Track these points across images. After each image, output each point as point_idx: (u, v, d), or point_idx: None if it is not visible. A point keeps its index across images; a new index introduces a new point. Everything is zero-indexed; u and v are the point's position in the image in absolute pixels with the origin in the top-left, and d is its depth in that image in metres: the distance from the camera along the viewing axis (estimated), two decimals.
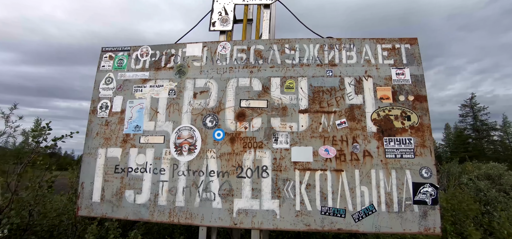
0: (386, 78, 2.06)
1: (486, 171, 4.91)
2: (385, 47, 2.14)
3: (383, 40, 2.16)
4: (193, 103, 2.15)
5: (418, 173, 1.87)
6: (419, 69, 2.07)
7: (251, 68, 2.17)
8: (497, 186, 4.58)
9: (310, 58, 2.14)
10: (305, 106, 2.03)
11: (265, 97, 2.08)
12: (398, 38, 2.16)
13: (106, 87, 2.33)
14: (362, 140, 1.94)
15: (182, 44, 2.34)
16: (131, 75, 2.33)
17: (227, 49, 2.25)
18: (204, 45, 2.30)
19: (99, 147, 2.18)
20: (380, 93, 2.03)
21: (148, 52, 2.38)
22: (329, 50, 2.15)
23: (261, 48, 2.21)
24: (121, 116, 2.22)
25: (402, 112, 1.98)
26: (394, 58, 2.11)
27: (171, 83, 2.23)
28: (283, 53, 2.18)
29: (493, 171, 4.80)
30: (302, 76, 2.10)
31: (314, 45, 2.18)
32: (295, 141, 1.98)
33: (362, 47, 2.15)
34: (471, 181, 4.68)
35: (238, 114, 2.07)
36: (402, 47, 2.13)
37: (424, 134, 1.93)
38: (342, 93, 2.04)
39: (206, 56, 2.26)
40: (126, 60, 2.39)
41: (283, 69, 2.14)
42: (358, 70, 2.09)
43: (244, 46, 2.24)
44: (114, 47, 2.47)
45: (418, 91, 2.02)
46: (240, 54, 2.22)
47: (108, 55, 2.44)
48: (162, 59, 2.32)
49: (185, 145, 2.08)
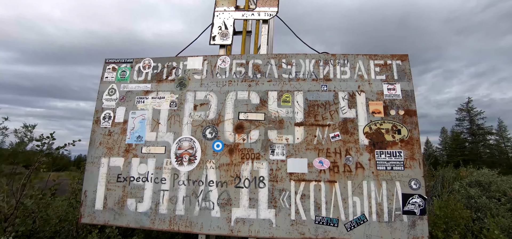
0: (378, 93, 2.16)
1: (477, 178, 5.04)
2: (377, 63, 2.24)
3: (376, 56, 2.27)
4: (193, 115, 2.23)
5: (407, 184, 1.96)
6: (409, 84, 2.18)
7: (249, 82, 2.26)
8: (487, 192, 4.71)
9: (306, 73, 2.24)
10: (301, 120, 2.13)
11: (263, 110, 2.18)
12: (390, 55, 2.27)
13: (109, 98, 2.41)
14: (355, 152, 2.04)
15: (183, 58, 2.43)
16: (134, 86, 2.41)
17: (226, 63, 2.34)
18: (205, 58, 2.39)
19: (102, 156, 2.25)
20: (372, 108, 2.13)
21: (150, 64, 2.47)
22: (324, 65, 2.25)
23: (259, 62, 2.31)
24: (124, 126, 2.30)
25: (393, 126, 2.08)
26: (386, 73, 2.21)
27: (172, 95, 2.32)
28: (280, 68, 2.28)
29: (484, 178, 4.92)
30: (298, 91, 2.20)
31: (310, 60, 2.28)
32: (291, 152, 2.07)
33: (356, 63, 2.25)
34: (463, 188, 4.80)
35: (236, 126, 2.16)
36: (394, 64, 2.24)
37: (414, 147, 2.03)
38: (336, 107, 2.14)
39: (206, 70, 2.35)
40: (128, 72, 2.47)
41: (280, 83, 2.23)
42: (351, 85, 2.19)
43: (243, 61, 2.34)
44: (117, 59, 2.55)
45: (408, 106, 2.12)
46: (239, 68, 2.31)
47: (111, 66, 2.52)
48: (164, 71, 2.41)
49: (186, 155, 2.16)
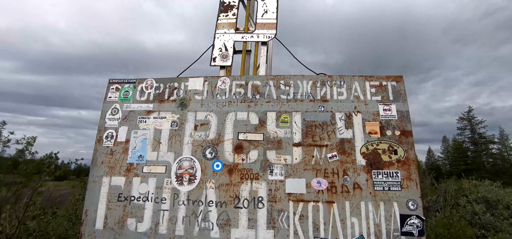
0: (374, 114, 2.21)
1: (484, 194, 4.97)
2: (373, 84, 2.31)
3: (371, 77, 2.33)
4: (193, 135, 2.28)
5: (405, 205, 1.98)
6: (404, 105, 2.23)
7: (248, 103, 2.32)
8: (494, 210, 4.65)
9: (304, 94, 2.30)
10: (299, 140, 2.17)
11: (262, 130, 2.23)
12: (385, 76, 2.33)
13: (112, 117, 2.47)
14: (352, 173, 2.07)
15: (185, 78, 2.51)
16: (136, 106, 2.47)
17: (226, 84, 2.41)
18: (205, 79, 2.46)
19: (104, 176, 2.29)
20: (369, 128, 2.17)
21: (152, 85, 2.54)
22: (321, 86, 2.32)
23: (258, 83, 2.38)
24: (126, 146, 2.35)
25: (389, 147, 2.12)
26: (382, 94, 2.27)
27: (174, 116, 2.38)
28: (279, 89, 2.34)
29: (491, 195, 4.85)
30: (296, 111, 2.25)
31: (307, 81, 2.34)
32: (289, 173, 2.10)
33: (352, 84, 2.32)
34: (469, 204, 4.75)
35: (236, 146, 2.20)
36: (389, 85, 2.30)
37: (410, 167, 2.06)
38: (333, 128, 2.18)
39: (207, 90, 2.42)
40: (131, 92, 2.55)
41: (278, 104, 2.29)
42: (348, 106, 2.24)
43: (243, 82, 2.41)
44: (121, 79, 2.63)
45: (404, 127, 2.17)
46: (238, 89, 2.38)
47: (115, 87, 2.60)
48: (166, 92, 2.48)
49: (186, 175, 2.19)
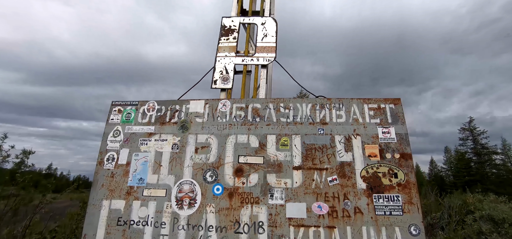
0: (373, 137, 2.23)
1: (489, 212, 4.87)
2: (371, 106, 2.34)
3: (369, 100, 2.37)
4: (194, 158, 2.30)
5: (407, 230, 1.96)
6: (403, 128, 2.25)
7: (249, 126, 2.35)
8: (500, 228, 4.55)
9: (303, 117, 2.34)
10: (299, 163, 2.18)
11: (262, 153, 2.24)
12: (383, 99, 2.37)
13: (113, 140, 2.50)
14: (353, 197, 2.06)
15: (186, 101, 2.55)
16: (138, 129, 2.50)
17: (227, 107, 2.45)
18: (206, 102, 2.51)
19: (104, 199, 2.29)
20: (368, 151, 2.19)
21: (154, 107, 2.58)
22: (320, 109, 2.35)
23: (258, 106, 2.42)
24: (126, 168, 2.36)
25: (390, 170, 2.12)
26: (380, 117, 2.30)
27: (175, 138, 2.40)
28: (278, 112, 2.38)
29: (497, 213, 4.75)
30: (296, 134, 2.28)
31: (306, 104, 2.38)
32: (289, 197, 2.09)
33: (350, 106, 2.35)
34: (475, 222, 4.66)
35: (236, 170, 2.21)
36: (387, 107, 2.33)
37: (411, 191, 2.05)
38: (333, 151, 2.20)
39: (208, 113, 2.46)
40: (133, 114, 2.58)
41: (278, 127, 2.32)
42: (347, 129, 2.27)
43: (243, 105, 2.45)
44: (123, 101, 2.68)
45: (403, 150, 2.18)
46: (239, 112, 2.42)
47: (117, 109, 2.64)
48: (167, 114, 2.52)
49: (186, 199, 2.19)
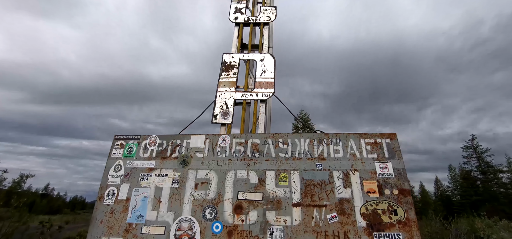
0: (371, 172, 2.25)
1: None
2: (368, 141, 2.39)
3: (366, 135, 2.43)
4: (194, 194, 2.31)
5: None
6: (400, 163, 2.28)
7: (248, 161, 2.39)
8: None
9: (301, 152, 2.38)
10: (298, 200, 2.19)
11: (261, 190, 2.25)
12: (379, 133, 2.43)
13: (114, 174, 2.53)
14: (353, 235, 2.04)
15: (187, 136, 2.62)
16: (139, 163, 2.54)
17: (227, 142, 2.51)
18: (206, 137, 2.57)
19: (102, 236, 2.26)
20: (367, 187, 2.20)
21: (156, 141, 2.64)
22: (318, 144, 2.40)
23: (257, 142, 2.47)
24: (126, 204, 2.36)
25: (389, 207, 2.12)
26: (377, 152, 2.34)
27: (175, 173, 2.43)
28: (277, 147, 2.43)
29: None
30: (294, 170, 2.31)
31: (304, 139, 2.44)
32: (289, 235, 2.07)
33: (348, 141, 2.40)
34: None
35: (235, 206, 2.21)
36: (383, 142, 2.38)
37: (412, 229, 2.03)
38: (331, 187, 2.21)
39: (208, 148, 2.51)
40: (135, 149, 2.64)
41: (277, 162, 2.36)
42: (345, 164, 2.30)
43: (242, 140, 2.51)
44: (126, 135, 2.74)
45: (401, 185, 2.19)
46: (238, 147, 2.47)
47: (119, 143, 2.70)
48: (168, 149, 2.57)
49: (185, 237, 2.17)
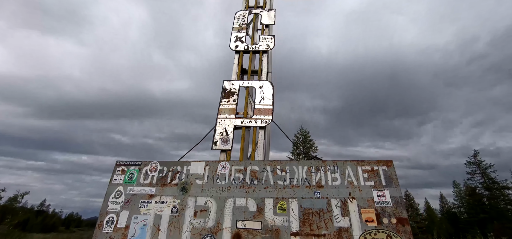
0: (369, 200, 2.27)
1: None
2: (365, 169, 2.43)
3: (363, 162, 2.47)
4: (193, 222, 2.32)
5: None
6: (397, 191, 2.31)
7: (247, 188, 2.42)
8: None
9: (300, 179, 2.42)
10: (297, 229, 2.19)
11: (260, 218, 2.26)
12: (375, 160, 2.47)
13: (115, 201, 2.55)
14: None
15: (187, 162, 2.67)
16: (139, 190, 2.57)
17: (226, 169, 2.56)
18: (206, 164, 2.62)
19: None
20: (365, 216, 2.21)
21: (156, 167, 2.69)
22: (316, 172, 2.44)
23: (256, 169, 2.52)
24: (125, 232, 2.37)
25: (388, 236, 2.11)
26: (374, 180, 2.37)
27: (174, 200, 2.45)
28: (276, 174, 2.47)
29: None
30: (292, 198, 2.33)
31: (302, 167, 2.48)
32: None
33: (345, 169, 2.44)
34: None
35: (234, 236, 2.21)
36: (380, 169, 2.42)
37: None
38: (330, 215, 2.22)
39: (208, 175, 2.55)
40: (136, 175, 2.68)
41: (275, 190, 2.39)
42: (342, 192, 2.32)
43: (241, 167, 2.55)
44: (127, 161, 2.80)
45: (399, 214, 2.20)
46: (237, 174, 2.51)
47: (121, 169, 2.75)
48: (168, 175, 2.61)
49: None
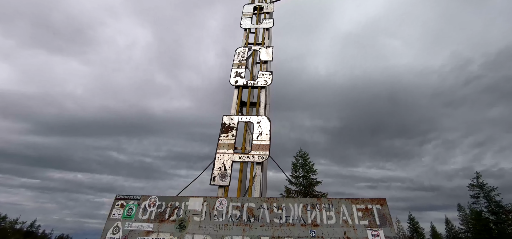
0: None
1: None
2: (359, 207, 2.49)
3: (357, 200, 2.54)
4: None
5: None
6: (391, 231, 2.35)
7: (243, 226, 2.45)
8: None
9: (295, 217, 2.46)
10: None
11: None
12: (369, 199, 2.54)
13: (112, 237, 2.56)
14: None
15: (185, 198, 2.73)
16: (137, 225, 2.60)
17: (223, 205, 2.61)
18: (204, 200, 2.68)
19: None
20: None
21: (155, 202, 2.74)
22: (311, 210, 2.50)
23: (253, 206, 2.58)
24: None
25: None
26: (369, 219, 2.42)
27: (172, 238, 2.47)
28: (272, 212, 2.52)
29: None
30: (288, 237, 2.36)
31: (298, 204, 2.54)
32: None
33: (340, 207, 2.50)
34: None
35: None
36: (374, 208, 2.48)
37: None
38: None
39: (205, 211, 2.59)
40: (135, 210, 2.72)
41: (272, 228, 2.42)
42: (337, 231, 2.36)
43: (239, 203, 2.61)
44: (127, 195, 2.85)
45: None
46: (234, 211, 2.56)
47: (120, 203, 2.79)
48: (167, 211, 2.66)
49: None
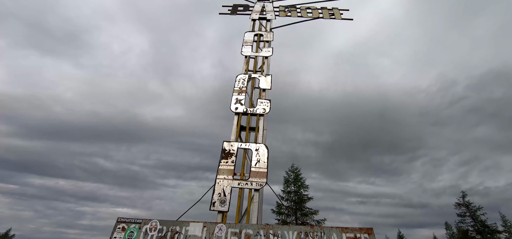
0: None
1: None
2: (349, 236, 2.69)
3: (346, 229, 2.74)
4: None
5: None
6: None
7: None
8: None
9: None
10: None
11: None
12: (358, 228, 2.75)
13: None
14: None
15: (186, 223, 2.86)
16: None
17: (223, 231, 2.76)
18: (204, 225, 2.82)
19: None
20: None
21: (156, 227, 2.85)
22: (305, 237, 2.68)
23: (250, 232, 2.73)
24: None
25: None
26: None
27: None
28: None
29: None
30: None
31: (293, 232, 2.72)
32: None
33: (331, 235, 2.69)
34: None
35: None
36: (362, 237, 2.68)
37: None
38: None
39: (205, 237, 2.73)
40: (136, 233, 2.82)
41: None
42: None
43: (237, 230, 2.76)
44: (128, 218, 2.95)
45: None
46: (233, 237, 2.71)
47: (121, 226, 2.88)
48: (167, 236, 2.77)
49: None
